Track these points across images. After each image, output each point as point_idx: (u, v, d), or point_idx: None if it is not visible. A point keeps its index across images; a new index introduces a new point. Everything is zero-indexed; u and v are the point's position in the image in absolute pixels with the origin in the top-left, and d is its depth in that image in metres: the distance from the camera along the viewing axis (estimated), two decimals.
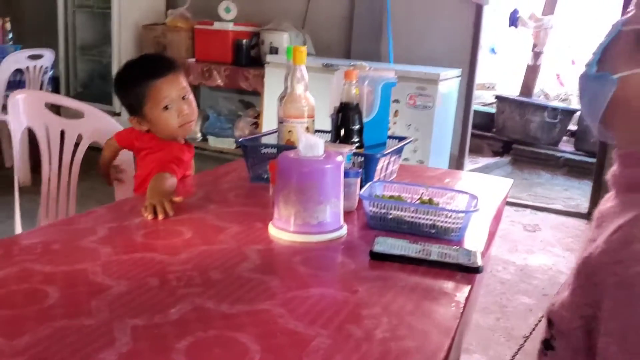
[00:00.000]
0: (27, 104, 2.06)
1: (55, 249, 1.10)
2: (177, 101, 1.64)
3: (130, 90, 1.68)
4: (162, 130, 1.67)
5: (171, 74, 1.65)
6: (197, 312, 0.87)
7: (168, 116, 1.64)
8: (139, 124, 1.69)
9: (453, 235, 1.20)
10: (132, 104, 1.68)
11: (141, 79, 1.64)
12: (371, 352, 0.79)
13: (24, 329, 0.80)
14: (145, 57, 1.82)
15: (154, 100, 1.63)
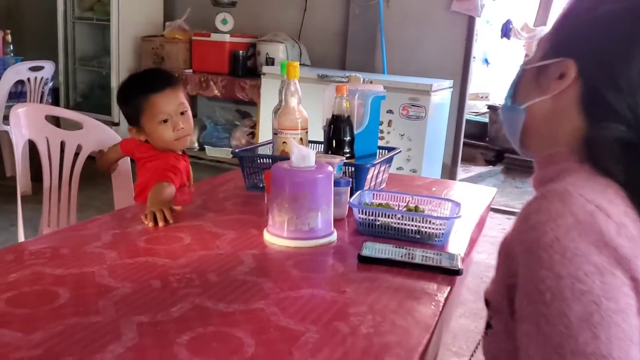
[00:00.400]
0: (28, 117, 2.13)
1: (64, 253, 1.17)
2: (173, 116, 1.72)
3: (129, 102, 1.76)
4: (158, 142, 1.75)
5: (168, 89, 1.73)
6: (197, 310, 0.94)
7: (164, 130, 1.72)
8: (137, 134, 1.77)
9: (436, 241, 1.28)
10: (130, 116, 1.77)
11: (139, 92, 1.73)
12: (356, 346, 0.86)
13: (37, 326, 0.88)
14: (147, 72, 1.90)
15: (151, 114, 1.71)
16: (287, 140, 1.62)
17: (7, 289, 1.00)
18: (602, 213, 0.72)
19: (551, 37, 0.89)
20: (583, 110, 0.83)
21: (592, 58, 0.82)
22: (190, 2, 5.08)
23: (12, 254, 1.16)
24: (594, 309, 0.68)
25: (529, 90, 0.90)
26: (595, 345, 0.67)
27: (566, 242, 0.70)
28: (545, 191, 0.77)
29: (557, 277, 0.70)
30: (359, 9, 4.53)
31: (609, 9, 0.82)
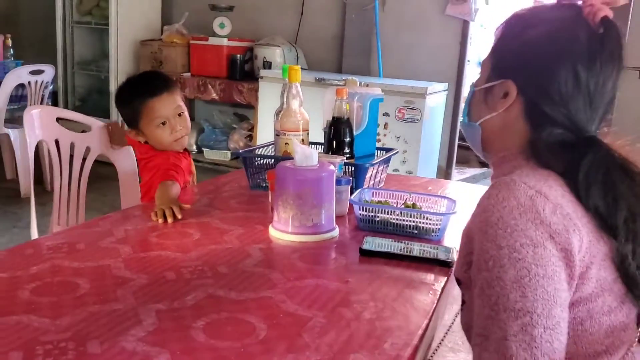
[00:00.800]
0: (41, 118, 2.19)
1: (80, 248, 1.23)
2: (171, 118, 1.78)
3: (127, 106, 1.82)
4: (156, 144, 1.81)
5: (165, 93, 1.79)
6: (210, 299, 1.01)
7: (162, 132, 1.78)
8: (136, 135, 1.83)
9: (433, 235, 1.35)
10: (129, 119, 1.83)
11: (137, 96, 1.78)
12: (360, 330, 0.93)
13: (63, 312, 0.94)
14: (144, 75, 1.96)
15: (148, 118, 1.77)
16: (290, 141, 1.68)
17: (30, 280, 1.06)
18: (542, 196, 0.86)
19: (490, 60, 1.03)
20: (527, 120, 0.98)
21: (527, 78, 0.96)
22: (188, 6, 5.15)
23: (32, 249, 1.22)
24: (525, 274, 0.82)
25: (480, 109, 1.04)
26: (523, 302, 0.81)
27: (508, 220, 0.84)
28: (495, 182, 0.91)
29: (498, 248, 0.84)
30: (354, 13, 4.60)
31: (534, 34, 0.96)
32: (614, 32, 0.92)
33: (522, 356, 0.80)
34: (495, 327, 0.83)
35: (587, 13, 0.93)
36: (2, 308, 0.95)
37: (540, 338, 0.80)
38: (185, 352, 0.84)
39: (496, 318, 0.83)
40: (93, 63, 5.39)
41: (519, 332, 0.81)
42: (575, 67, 0.92)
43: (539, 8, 1.02)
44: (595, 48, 0.92)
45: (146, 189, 1.82)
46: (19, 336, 0.86)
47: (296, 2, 4.87)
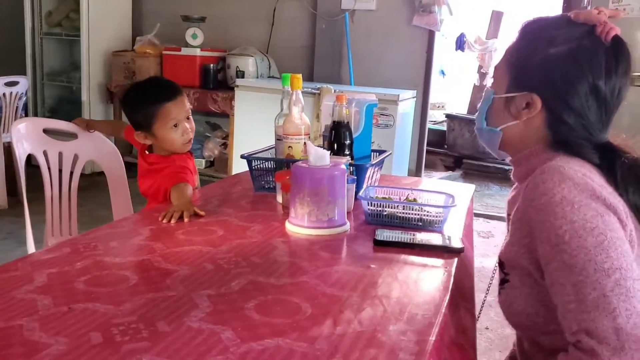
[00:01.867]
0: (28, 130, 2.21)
1: (114, 246, 1.32)
2: (182, 121, 1.89)
3: (140, 109, 1.90)
4: (167, 146, 1.90)
5: (179, 97, 1.90)
6: (253, 284, 1.12)
7: (174, 134, 1.88)
8: (145, 138, 1.91)
9: (436, 227, 1.48)
10: (140, 121, 1.90)
11: (153, 100, 1.87)
12: (391, 306, 1.05)
13: (122, 300, 1.03)
14: (156, 80, 2.05)
15: (164, 120, 1.86)
16: (293, 145, 1.80)
17: (80, 274, 1.15)
18: (588, 177, 0.99)
19: (510, 71, 1.14)
20: (548, 128, 1.11)
21: (551, 93, 1.08)
22: (160, 17, 5.21)
23: (68, 248, 1.30)
24: (603, 239, 0.93)
25: (501, 116, 1.16)
26: (610, 261, 0.91)
27: (571, 198, 0.96)
28: (542, 169, 1.02)
29: (571, 222, 0.95)
30: (325, 23, 4.76)
31: (556, 52, 1.08)
32: (624, 47, 1.07)
33: (623, 307, 0.88)
34: (589, 288, 0.91)
35: (600, 31, 1.06)
36: (64, 298, 1.03)
37: (633, 288, 0.90)
38: (246, 328, 0.94)
39: (588, 281, 0.91)
40: (63, 74, 5.40)
41: (615, 287, 0.89)
42: (596, 82, 1.05)
43: (555, 23, 1.12)
44: (611, 63, 1.05)
45: (153, 190, 1.89)
46: (92, 320, 0.95)
47: (267, 12, 4.99)
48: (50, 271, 1.15)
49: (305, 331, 0.94)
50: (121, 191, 2.32)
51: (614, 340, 0.87)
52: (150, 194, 1.93)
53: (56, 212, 2.26)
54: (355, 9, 4.67)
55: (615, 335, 0.87)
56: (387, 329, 0.96)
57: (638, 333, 0.87)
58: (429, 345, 0.92)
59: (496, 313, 2.89)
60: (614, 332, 0.87)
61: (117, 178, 2.32)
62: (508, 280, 1.11)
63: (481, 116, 1.20)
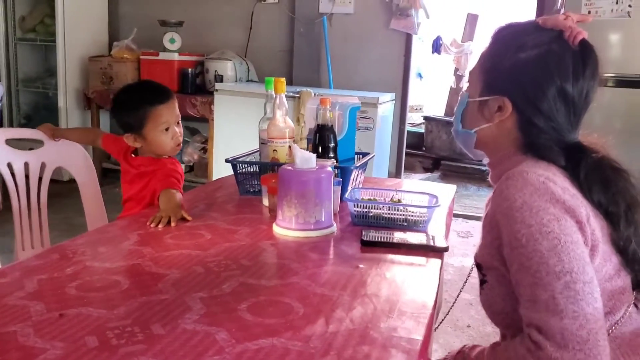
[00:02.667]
0: None
1: (103, 251, 1.33)
2: (173, 124, 1.89)
3: (132, 111, 1.88)
4: (156, 149, 1.90)
5: (171, 101, 1.90)
6: (244, 286, 1.13)
7: (165, 137, 1.88)
8: (134, 141, 1.90)
9: (421, 226, 1.51)
10: (131, 124, 1.89)
11: (145, 102, 1.87)
12: (381, 304, 1.08)
13: (116, 304, 1.04)
14: (148, 83, 2.04)
15: (155, 123, 1.86)
16: (278, 148, 1.82)
17: (71, 279, 1.15)
18: (551, 181, 1.03)
19: (482, 75, 1.18)
20: (520, 130, 1.14)
21: (521, 96, 1.12)
22: (137, 22, 5.19)
23: (57, 254, 1.30)
24: (557, 242, 0.97)
25: (475, 118, 1.20)
26: (561, 265, 0.96)
27: (531, 203, 1.00)
28: (507, 175, 1.07)
29: (528, 226, 0.99)
30: (303, 27, 4.78)
31: (525, 56, 1.11)
32: (591, 51, 1.11)
33: (570, 309, 0.93)
34: (540, 290, 0.96)
35: (567, 36, 1.10)
36: (56, 303, 1.04)
37: (583, 291, 0.94)
38: (240, 329, 0.96)
39: (540, 283, 0.96)
40: (39, 80, 5.34)
41: (564, 290, 0.94)
42: (564, 85, 1.09)
43: (524, 29, 1.16)
44: (578, 67, 1.09)
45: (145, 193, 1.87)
46: (86, 324, 0.96)
47: (245, 16, 5.00)
48: (41, 277, 1.16)
49: (298, 330, 0.96)
50: (94, 196, 2.22)
51: (559, 339, 0.92)
52: (138, 198, 1.91)
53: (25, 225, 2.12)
54: (333, 13, 4.71)
55: (560, 334, 0.92)
56: (378, 326, 0.98)
57: (582, 334, 0.92)
58: (419, 341, 0.94)
59: (477, 311, 2.93)
60: (560, 332, 0.92)
61: (88, 183, 2.22)
62: (487, 281, 1.14)
63: (457, 119, 1.25)
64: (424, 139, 6.55)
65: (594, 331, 0.92)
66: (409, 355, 0.90)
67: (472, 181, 5.92)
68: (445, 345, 2.66)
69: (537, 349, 0.94)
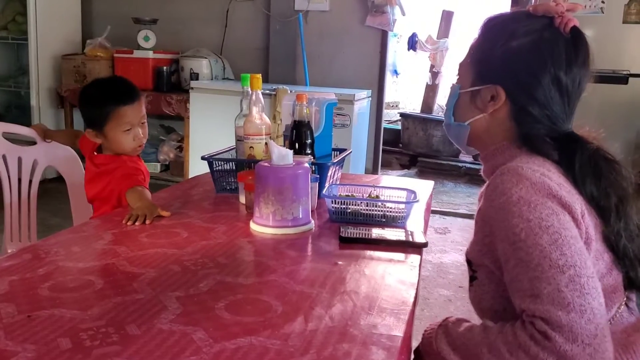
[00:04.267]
0: None
1: (76, 251, 1.30)
2: (136, 126, 1.86)
3: (96, 108, 1.86)
4: (116, 148, 1.88)
5: (137, 102, 1.87)
6: (221, 285, 1.11)
7: (126, 138, 1.85)
8: (95, 136, 1.88)
9: (399, 222, 1.51)
10: (94, 120, 1.86)
11: (110, 100, 1.84)
12: (361, 301, 1.07)
13: (89, 304, 1.01)
14: (115, 81, 2.01)
15: (117, 122, 1.83)
16: (254, 145, 1.80)
17: (43, 280, 1.12)
18: (546, 177, 1.01)
19: (474, 64, 1.17)
20: (513, 119, 1.13)
21: (514, 84, 1.11)
22: (110, 20, 5.12)
23: (29, 254, 1.27)
24: (557, 237, 0.95)
25: (468, 110, 1.18)
26: (564, 259, 0.93)
27: (528, 197, 0.98)
28: (502, 170, 1.05)
29: (527, 221, 0.97)
30: (279, 24, 4.76)
31: (518, 44, 1.10)
32: (582, 38, 1.10)
33: (577, 302, 0.90)
34: (544, 283, 0.92)
35: (558, 23, 1.09)
36: (28, 305, 1.01)
37: (587, 285, 0.91)
38: (217, 328, 0.94)
39: (543, 277, 0.93)
40: (11, 79, 5.24)
41: (569, 283, 0.91)
42: (557, 73, 1.07)
43: (514, 17, 1.15)
44: (571, 54, 1.08)
45: (105, 194, 1.85)
46: (59, 326, 0.94)
47: (220, 13, 4.96)
48: (12, 278, 1.13)
49: (277, 329, 0.94)
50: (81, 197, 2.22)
51: (568, 332, 0.89)
52: (102, 198, 1.88)
53: (15, 219, 2.23)
54: (308, 10, 4.69)
55: (568, 328, 0.89)
56: (358, 324, 0.97)
57: (591, 329, 0.89)
58: (400, 338, 0.94)
59: (456, 307, 2.94)
60: (568, 325, 0.89)
61: (76, 184, 2.26)
62: (476, 278, 1.13)
63: (449, 112, 1.23)
64: (401, 136, 6.57)
65: (600, 326, 0.90)
66: (389, 352, 0.89)
67: (449, 178, 5.96)
68: None
69: (545, 339, 0.90)
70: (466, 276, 1.19)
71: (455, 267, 3.52)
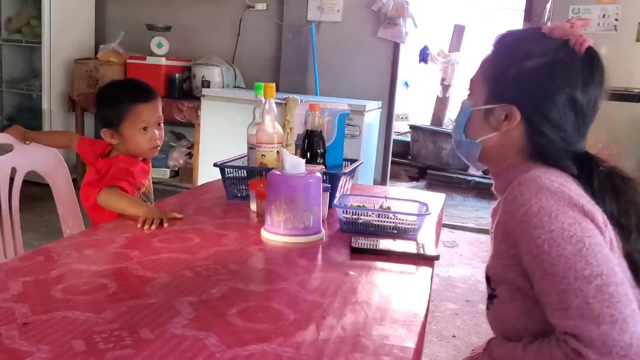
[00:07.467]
0: None
1: (89, 254, 1.30)
2: (152, 125, 1.87)
3: (113, 106, 1.86)
4: (132, 148, 1.87)
5: (155, 101, 1.89)
6: (234, 291, 1.12)
7: (142, 137, 1.86)
8: (111, 137, 1.87)
9: (411, 234, 1.51)
10: (110, 119, 1.86)
11: (127, 98, 1.85)
12: (372, 311, 1.07)
13: (103, 307, 1.02)
14: (134, 81, 2.02)
15: (134, 120, 1.84)
16: (266, 153, 1.81)
17: (56, 282, 1.13)
18: (565, 187, 1.01)
19: (487, 83, 1.15)
20: (527, 139, 1.12)
21: (529, 105, 1.10)
22: (124, 26, 5.16)
23: (42, 256, 1.28)
24: (581, 246, 0.93)
25: (480, 128, 1.17)
26: (590, 268, 0.92)
27: (548, 207, 0.97)
28: (519, 181, 1.04)
29: (549, 232, 0.95)
30: (291, 34, 4.78)
31: (534, 64, 1.09)
32: (598, 58, 1.10)
33: (607, 313, 0.88)
34: (571, 296, 0.91)
35: (573, 44, 1.08)
36: (42, 306, 1.02)
37: (617, 293, 0.89)
38: (230, 334, 0.94)
39: (569, 289, 0.91)
40: (23, 82, 5.29)
41: (597, 293, 0.89)
42: (573, 93, 1.07)
43: (529, 36, 1.15)
44: (587, 74, 1.08)
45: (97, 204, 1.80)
46: (73, 328, 0.94)
47: (233, 22, 4.99)
48: (25, 279, 1.13)
49: (289, 336, 0.95)
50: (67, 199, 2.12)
51: (601, 346, 0.87)
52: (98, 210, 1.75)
53: None
54: (321, 21, 4.72)
55: (601, 341, 0.87)
56: (370, 334, 0.98)
57: (625, 339, 0.87)
58: (412, 350, 0.94)
59: (462, 321, 2.93)
60: (600, 339, 0.87)
61: (61, 186, 2.11)
62: (496, 296, 1.10)
63: (459, 128, 1.21)
64: (410, 148, 6.57)
65: (636, 335, 0.87)
66: None
67: (457, 191, 5.95)
68: (431, 355, 2.66)
69: (578, 357, 0.89)
70: (473, 290, 1.19)
71: (462, 280, 3.51)
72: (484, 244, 4.29)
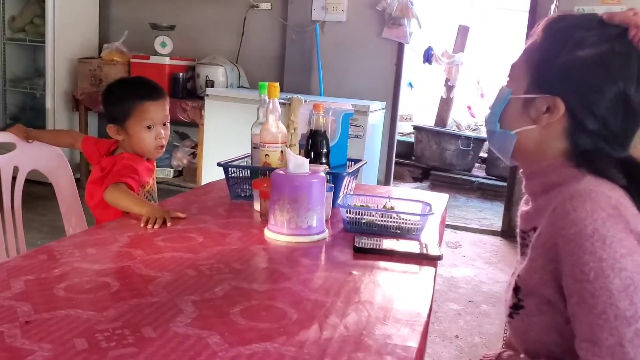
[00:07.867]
0: None
1: (92, 252, 1.30)
2: (158, 124, 1.87)
3: (120, 102, 1.87)
4: (136, 146, 1.87)
5: (162, 100, 1.89)
6: (237, 290, 1.11)
7: (147, 135, 1.86)
8: (116, 133, 1.87)
9: (414, 234, 1.50)
10: (116, 115, 1.87)
11: (133, 94, 1.86)
12: (375, 311, 1.06)
13: (105, 306, 1.02)
14: (142, 79, 2.03)
15: (140, 118, 1.84)
16: (270, 153, 1.80)
17: (59, 280, 1.13)
18: (622, 206, 0.92)
19: (530, 70, 1.06)
20: (568, 136, 1.03)
21: (577, 98, 1.00)
22: (127, 25, 5.17)
23: (45, 254, 1.28)
24: (629, 282, 0.86)
25: (517, 118, 1.07)
26: (633, 309, 0.85)
27: (604, 232, 0.89)
28: (571, 194, 0.95)
29: (599, 260, 0.88)
30: (295, 34, 4.78)
31: (584, 54, 0.99)
32: None
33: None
34: (606, 333, 0.85)
35: (632, 35, 0.97)
36: (44, 304, 1.02)
37: None
38: (233, 333, 0.94)
39: (606, 326, 0.85)
40: (27, 80, 5.30)
41: (635, 337, 0.84)
42: (627, 89, 0.97)
43: (583, 23, 1.03)
44: None
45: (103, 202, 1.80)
46: (75, 326, 0.94)
47: (237, 22, 5.00)
48: (28, 278, 1.13)
49: (292, 336, 0.94)
50: (70, 198, 2.12)
51: None
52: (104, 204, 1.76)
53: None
54: (325, 21, 4.71)
55: None
56: (372, 333, 0.97)
57: None
58: (414, 349, 0.93)
59: (465, 322, 2.93)
60: None
61: (64, 185, 2.11)
62: (523, 307, 1.04)
63: (494, 117, 1.10)
64: (414, 149, 6.56)
65: None
66: None
67: (461, 192, 5.94)
68: (434, 355, 2.65)
69: None
70: (476, 291, 1.17)
71: (465, 281, 3.50)
72: (487, 245, 4.29)
